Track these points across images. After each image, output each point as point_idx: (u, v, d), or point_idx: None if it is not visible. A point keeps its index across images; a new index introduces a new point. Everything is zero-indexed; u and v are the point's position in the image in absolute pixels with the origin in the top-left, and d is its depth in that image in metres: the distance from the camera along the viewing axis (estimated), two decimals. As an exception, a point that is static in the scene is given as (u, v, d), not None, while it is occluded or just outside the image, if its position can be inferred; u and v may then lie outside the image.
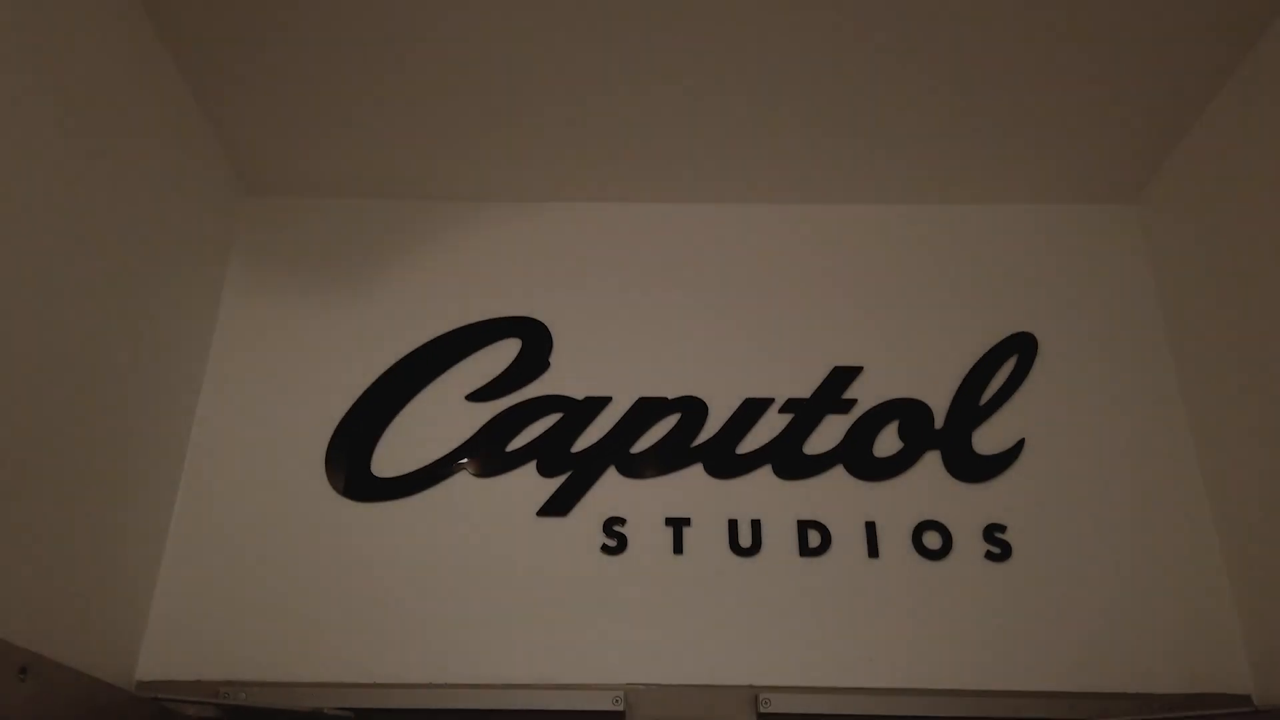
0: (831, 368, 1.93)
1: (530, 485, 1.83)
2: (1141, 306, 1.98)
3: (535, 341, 1.97)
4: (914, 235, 2.08)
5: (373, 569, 1.75)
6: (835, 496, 1.81)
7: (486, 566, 1.76)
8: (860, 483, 1.83)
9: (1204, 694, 1.63)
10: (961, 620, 1.71)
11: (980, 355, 1.93)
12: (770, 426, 1.88)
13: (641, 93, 1.83)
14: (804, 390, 1.91)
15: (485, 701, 1.63)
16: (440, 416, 1.89)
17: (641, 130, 1.92)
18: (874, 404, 1.90)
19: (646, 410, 1.89)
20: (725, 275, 2.04)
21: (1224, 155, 1.78)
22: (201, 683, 1.64)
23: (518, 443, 1.87)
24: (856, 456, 1.85)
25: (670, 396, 1.91)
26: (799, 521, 1.79)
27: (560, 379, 1.93)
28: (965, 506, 1.80)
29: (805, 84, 1.80)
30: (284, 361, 1.94)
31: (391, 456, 1.86)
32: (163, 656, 1.67)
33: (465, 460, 1.85)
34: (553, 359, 1.95)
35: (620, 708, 1.62)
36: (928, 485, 1.82)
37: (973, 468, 1.84)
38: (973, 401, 1.90)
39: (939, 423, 1.88)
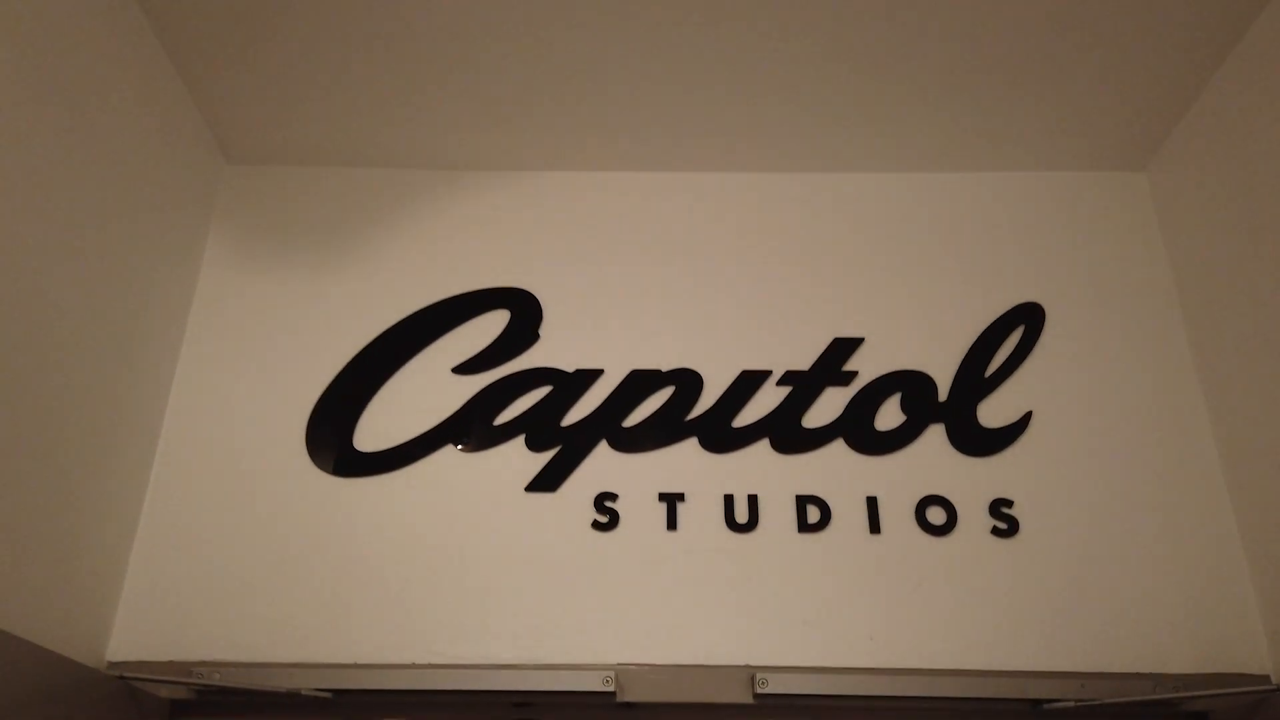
0: (832, 339, 1.87)
1: (519, 460, 1.77)
2: (1150, 275, 1.92)
3: (524, 313, 1.91)
4: (917, 203, 2.02)
5: (354, 546, 1.70)
6: (835, 471, 1.75)
7: (473, 544, 1.70)
8: (861, 457, 1.77)
9: (1221, 673, 1.57)
10: (967, 598, 1.64)
11: (985, 326, 1.88)
12: (768, 399, 1.82)
13: (635, 60, 1.78)
14: (803, 362, 1.85)
15: (471, 682, 1.58)
16: (426, 390, 1.84)
17: (635, 98, 1.87)
18: (875, 376, 1.84)
19: (639, 383, 1.83)
20: (722, 244, 1.98)
21: (1232, 121, 1.75)
22: (175, 663, 1.59)
23: (506, 416, 1.81)
24: (857, 430, 1.79)
25: (664, 369, 1.85)
26: (798, 496, 1.73)
27: (550, 351, 1.87)
28: (970, 481, 1.74)
29: (806, 50, 1.75)
30: (264, 333, 1.88)
31: (375, 431, 1.80)
32: (135, 636, 1.62)
33: (452, 435, 1.79)
34: (542, 330, 1.89)
35: (611, 688, 1.55)
36: (931, 459, 1.76)
37: (978, 441, 1.77)
38: (978, 373, 1.84)
39: (943, 395, 1.82)
